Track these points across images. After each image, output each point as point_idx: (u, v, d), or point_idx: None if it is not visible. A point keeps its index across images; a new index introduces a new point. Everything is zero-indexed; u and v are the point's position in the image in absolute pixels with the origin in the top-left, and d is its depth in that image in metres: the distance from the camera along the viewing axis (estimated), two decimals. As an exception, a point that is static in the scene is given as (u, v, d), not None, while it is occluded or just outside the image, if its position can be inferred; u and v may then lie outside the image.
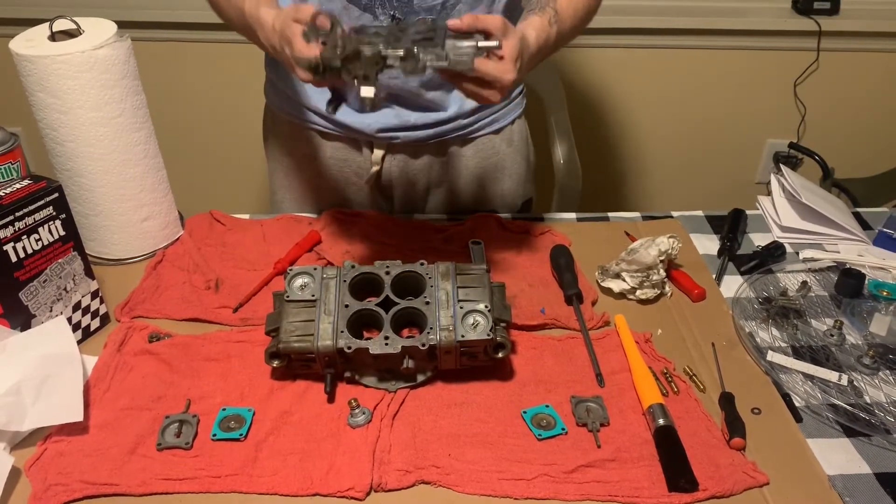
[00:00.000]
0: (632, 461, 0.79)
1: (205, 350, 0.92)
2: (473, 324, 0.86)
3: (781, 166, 1.28)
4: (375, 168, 1.19)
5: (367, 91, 0.78)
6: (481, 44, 0.79)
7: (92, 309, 0.95)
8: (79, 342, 0.91)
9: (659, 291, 1.02)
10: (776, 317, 0.99)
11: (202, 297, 1.01)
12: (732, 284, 1.06)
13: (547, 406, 0.85)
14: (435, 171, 1.22)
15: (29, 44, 0.94)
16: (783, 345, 0.95)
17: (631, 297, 1.03)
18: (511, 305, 0.95)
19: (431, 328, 0.86)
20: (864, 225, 1.21)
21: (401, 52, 0.76)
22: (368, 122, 1.13)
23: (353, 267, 0.93)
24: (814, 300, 1.03)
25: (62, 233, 0.89)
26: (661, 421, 0.81)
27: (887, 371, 0.91)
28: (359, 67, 0.78)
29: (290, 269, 0.92)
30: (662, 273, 1.01)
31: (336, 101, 0.87)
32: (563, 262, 1.05)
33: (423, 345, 0.84)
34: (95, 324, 0.96)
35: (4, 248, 0.83)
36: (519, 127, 1.26)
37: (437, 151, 1.19)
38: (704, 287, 1.03)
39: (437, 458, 0.78)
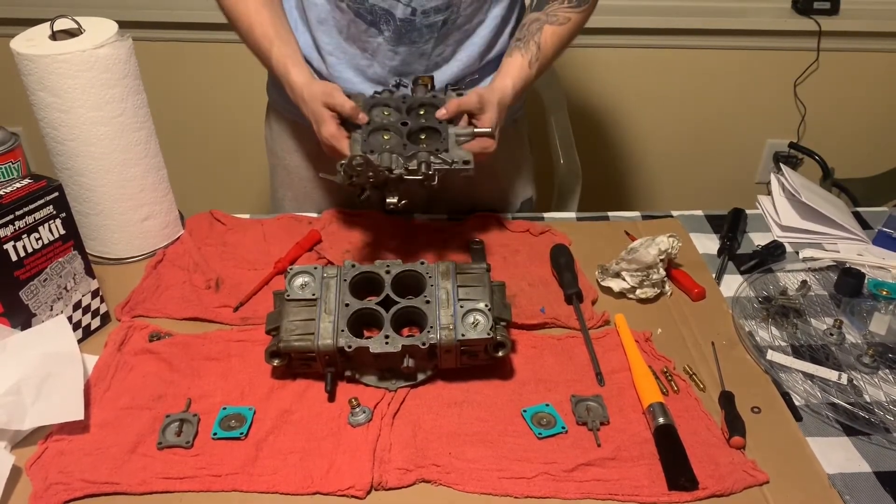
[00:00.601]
0: (632, 460, 0.79)
1: (205, 349, 0.92)
2: (473, 323, 0.86)
3: (781, 166, 1.28)
4: None
5: (392, 198, 0.94)
6: (477, 130, 0.97)
7: (92, 308, 0.95)
8: (79, 341, 0.91)
9: (659, 290, 1.02)
10: (776, 316, 0.99)
11: (202, 297, 1.01)
12: (732, 284, 1.06)
13: (547, 405, 0.85)
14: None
15: (30, 43, 0.94)
16: (783, 344, 0.96)
17: (631, 296, 1.03)
18: (511, 304, 0.96)
19: (432, 327, 0.86)
20: (864, 225, 1.21)
21: (420, 177, 0.92)
22: None
23: (353, 266, 0.93)
24: (813, 299, 1.03)
25: (62, 232, 0.89)
26: (660, 420, 0.81)
27: (887, 370, 0.91)
28: (384, 185, 0.94)
29: (291, 269, 0.92)
30: (662, 272, 1.01)
31: (364, 193, 0.96)
32: (563, 262, 1.05)
33: (424, 344, 0.84)
34: (96, 323, 0.96)
35: (5, 246, 0.83)
36: (519, 127, 1.26)
37: (437, 151, 1.20)
38: (704, 286, 1.03)
39: (437, 457, 0.78)
